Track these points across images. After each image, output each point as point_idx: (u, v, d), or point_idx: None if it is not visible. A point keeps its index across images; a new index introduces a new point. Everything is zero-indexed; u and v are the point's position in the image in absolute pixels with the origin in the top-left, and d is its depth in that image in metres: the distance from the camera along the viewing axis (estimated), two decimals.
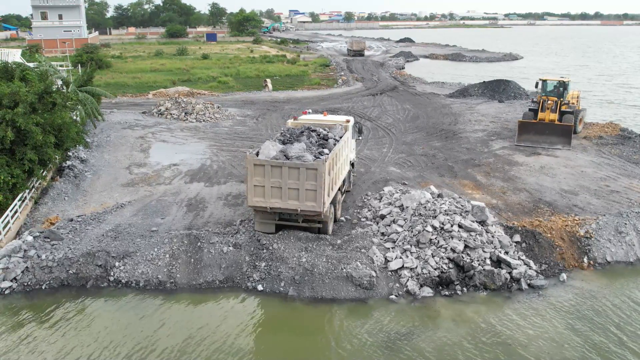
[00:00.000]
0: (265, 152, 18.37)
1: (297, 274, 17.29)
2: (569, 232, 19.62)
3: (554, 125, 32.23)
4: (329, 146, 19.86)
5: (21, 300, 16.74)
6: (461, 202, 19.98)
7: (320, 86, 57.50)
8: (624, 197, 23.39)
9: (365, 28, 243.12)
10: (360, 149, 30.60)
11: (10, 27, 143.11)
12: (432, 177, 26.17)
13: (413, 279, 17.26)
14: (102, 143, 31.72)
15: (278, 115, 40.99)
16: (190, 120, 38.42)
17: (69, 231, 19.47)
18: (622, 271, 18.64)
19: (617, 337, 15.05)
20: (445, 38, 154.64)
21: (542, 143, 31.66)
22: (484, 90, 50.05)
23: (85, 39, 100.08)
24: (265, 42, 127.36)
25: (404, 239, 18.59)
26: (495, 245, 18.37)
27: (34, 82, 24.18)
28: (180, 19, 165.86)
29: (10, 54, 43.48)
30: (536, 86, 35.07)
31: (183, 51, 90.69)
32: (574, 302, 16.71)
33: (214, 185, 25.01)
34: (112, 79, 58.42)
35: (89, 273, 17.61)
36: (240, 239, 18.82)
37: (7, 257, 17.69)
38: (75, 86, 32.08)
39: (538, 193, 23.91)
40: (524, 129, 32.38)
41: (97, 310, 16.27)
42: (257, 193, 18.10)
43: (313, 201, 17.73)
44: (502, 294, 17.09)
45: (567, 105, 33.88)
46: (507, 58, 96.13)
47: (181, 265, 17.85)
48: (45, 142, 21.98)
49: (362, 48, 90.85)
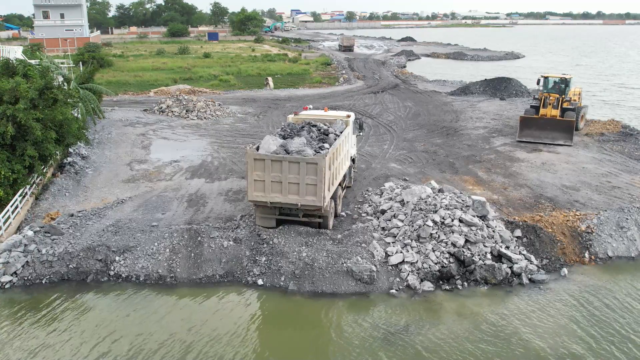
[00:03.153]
0: (266, 147, 18.34)
1: (298, 268, 17.27)
2: (570, 227, 19.56)
3: (555, 120, 32.05)
4: (329, 141, 19.84)
5: (21, 294, 16.74)
6: (462, 197, 19.94)
7: (321, 84, 57.49)
8: (626, 192, 23.32)
9: (367, 27, 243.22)
10: (362, 145, 30.58)
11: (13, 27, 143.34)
12: (433, 173, 26.12)
13: (413, 274, 17.22)
14: (103, 140, 31.76)
15: (279, 112, 40.97)
16: (191, 118, 38.44)
17: (69, 226, 19.47)
18: (623, 266, 18.58)
19: (618, 331, 14.99)
20: (446, 37, 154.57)
21: (544, 138, 31.49)
22: (486, 88, 49.99)
23: (87, 38, 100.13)
24: (266, 42, 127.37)
25: (405, 233, 18.55)
26: (496, 240, 18.33)
27: (35, 78, 24.19)
28: (181, 19, 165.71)
29: (11, 50, 43.51)
30: (538, 83, 34.94)
31: (185, 50, 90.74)
32: (575, 297, 16.65)
33: (214, 181, 25.00)
34: (113, 78, 58.47)
35: (89, 267, 17.61)
36: (240, 233, 18.81)
37: (7, 251, 17.71)
38: (76, 83, 32.10)
39: (539, 189, 23.85)
40: (526, 125, 32.21)
41: (97, 305, 16.26)
42: (258, 188, 18.07)
43: (313, 196, 17.70)
44: (503, 289, 17.04)
45: (568, 102, 33.75)
46: (508, 57, 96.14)
47: (181, 259, 17.84)
48: (45, 137, 21.98)
49: (352, 44, 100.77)
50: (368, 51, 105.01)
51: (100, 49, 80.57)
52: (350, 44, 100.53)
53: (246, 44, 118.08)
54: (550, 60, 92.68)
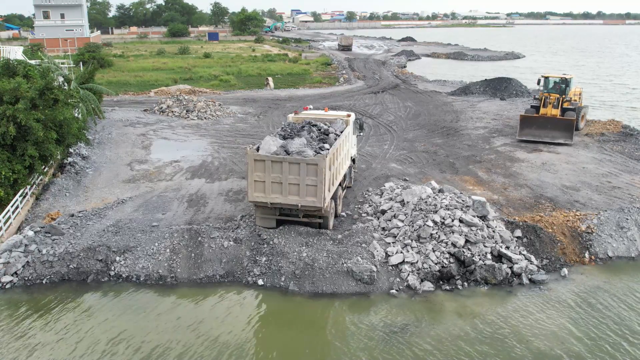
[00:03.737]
0: (266, 148, 18.35)
1: (298, 268, 17.28)
2: (571, 227, 19.57)
3: (555, 119, 31.95)
4: (329, 141, 19.85)
5: (22, 294, 16.76)
6: (462, 197, 19.95)
7: (322, 84, 57.49)
8: (626, 193, 23.33)
9: (368, 27, 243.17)
10: (362, 145, 30.60)
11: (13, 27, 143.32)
12: (433, 173, 26.13)
13: (414, 274, 17.23)
14: (103, 140, 31.77)
15: (279, 112, 40.98)
16: (191, 118, 38.45)
17: (69, 226, 19.49)
18: (623, 266, 18.58)
19: (618, 331, 15.00)
20: (447, 37, 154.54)
21: (544, 137, 31.44)
22: (486, 88, 49.97)
23: (87, 38, 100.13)
24: (267, 42, 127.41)
25: (405, 233, 18.56)
26: (496, 240, 18.34)
27: (36, 79, 24.20)
28: (182, 19, 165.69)
29: (12, 51, 43.52)
30: (538, 83, 34.90)
31: (185, 50, 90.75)
32: (575, 297, 16.66)
33: (215, 181, 25.02)
34: (114, 78, 58.49)
35: (89, 267, 17.63)
36: (240, 233, 18.82)
37: (8, 251, 17.73)
38: (76, 83, 32.11)
39: (539, 189, 23.86)
40: (526, 124, 32.11)
41: (97, 305, 16.28)
42: (258, 188, 18.08)
43: (314, 196, 17.71)
44: (503, 289, 17.06)
45: (569, 102, 33.74)
46: (509, 57, 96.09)
47: (182, 259, 17.86)
48: (46, 138, 22.00)
49: (350, 43, 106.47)
50: (368, 51, 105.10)
51: (101, 49, 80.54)
52: (349, 43, 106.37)
53: (246, 44, 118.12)
54: (551, 60, 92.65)
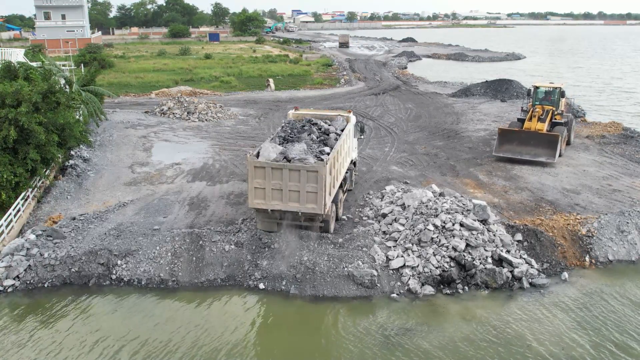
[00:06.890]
0: (265, 155, 18.22)
1: (299, 272, 17.32)
2: (571, 230, 19.60)
3: (539, 134, 28.28)
4: (330, 142, 19.85)
5: (23, 298, 16.81)
6: (463, 201, 19.98)
7: (322, 86, 57.52)
8: (626, 196, 23.35)
9: (368, 28, 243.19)
10: (363, 148, 30.63)
11: (14, 28, 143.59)
12: (434, 176, 26.16)
13: (414, 278, 17.27)
14: (104, 142, 31.81)
15: (280, 114, 40.99)
16: (192, 120, 38.49)
17: (71, 230, 19.55)
18: (624, 270, 18.60)
19: (619, 335, 15.02)
20: (448, 38, 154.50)
21: (524, 155, 28.07)
22: (487, 89, 49.98)
23: (88, 39, 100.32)
24: (267, 42, 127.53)
25: (406, 237, 18.60)
26: (497, 244, 18.37)
27: (38, 82, 24.25)
28: (183, 19, 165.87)
29: (13, 53, 43.58)
30: (528, 94, 31.78)
31: (186, 51, 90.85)
32: (575, 301, 16.69)
33: (216, 184, 25.05)
34: (114, 79, 58.57)
35: (91, 271, 17.67)
36: (242, 237, 18.86)
37: (9, 255, 17.77)
38: (78, 86, 32.17)
39: (540, 192, 23.89)
40: (506, 138, 28.73)
41: (99, 308, 16.32)
42: (258, 195, 18.08)
43: (314, 203, 17.72)
44: (504, 293, 17.09)
45: (560, 115, 30.43)
46: (509, 57, 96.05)
47: (183, 263, 17.90)
48: (48, 141, 22.04)
49: (346, 41, 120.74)
50: (369, 52, 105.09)
51: (102, 50, 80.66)
52: (345, 40, 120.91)
53: (247, 44, 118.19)
54: (551, 60, 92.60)
